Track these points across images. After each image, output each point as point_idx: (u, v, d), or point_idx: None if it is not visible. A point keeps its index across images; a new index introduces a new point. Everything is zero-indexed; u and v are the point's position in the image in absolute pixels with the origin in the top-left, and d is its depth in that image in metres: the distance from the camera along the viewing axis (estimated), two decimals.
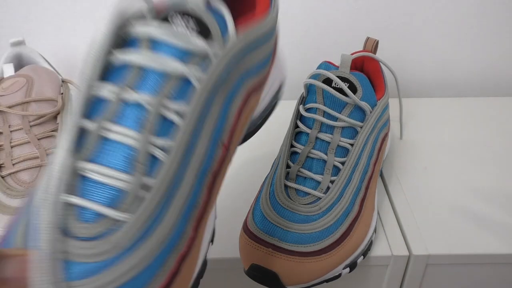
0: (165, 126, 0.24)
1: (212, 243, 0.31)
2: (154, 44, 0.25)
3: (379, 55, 0.52)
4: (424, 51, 0.69)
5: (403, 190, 0.52)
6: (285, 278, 0.38)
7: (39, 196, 0.22)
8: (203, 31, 0.25)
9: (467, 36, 0.68)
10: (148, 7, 0.26)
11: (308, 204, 0.41)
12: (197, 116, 0.24)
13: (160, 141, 0.24)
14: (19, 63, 0.56)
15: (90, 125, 0.24)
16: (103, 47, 0.25)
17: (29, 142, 0.46)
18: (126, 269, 0.22)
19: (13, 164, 0.44)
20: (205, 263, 0.30)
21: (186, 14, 0.26)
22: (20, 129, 0.46)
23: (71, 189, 0.22)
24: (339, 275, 0.40)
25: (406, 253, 0.45)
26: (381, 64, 0.51)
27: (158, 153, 0.24)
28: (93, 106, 0.24)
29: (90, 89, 0.24)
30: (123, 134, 0.23)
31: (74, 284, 0.21)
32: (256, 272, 0.38)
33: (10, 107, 0.47)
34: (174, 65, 0.24)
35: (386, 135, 0.49)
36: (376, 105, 0.46)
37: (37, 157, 0.45)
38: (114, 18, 0.27)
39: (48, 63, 0.57)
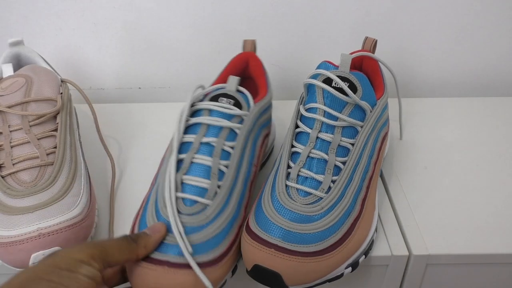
0: (224, 154, 0.43)
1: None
2: (210, 112, 0.45)
3: (378, 55, 0.52)
4: (424, 51, 0.69)
5: (403, 190, 0.52)
6: (287, 278, 0.38)
7: (164, 196, 0.40)
8: (237, 103, 0.45)
9: (467, 36, 0.68)
10: (207, 92, 0.46)
11: (309, 204, 0.41)
12: (241, 148, 0.44)
13: (223, 162, 0.42)
14: (18, 63, 0.56)
15: (184, 156, 0.43)
16: (185, 116, 0.44)
17: (29, 142, 0.45)
18: (212, 230, 0.39)
19: (13, 164, 0.44)
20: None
21: (226, 95, 0.45)
22: (19, 129, 0.46)
23: (178, 189, 0.41)
24: (341, 274, 0.40)
25: (406, 253, 0.45)
26: (380, 63, 0.51)
27: (223, 168, 0.42)
28: (183, 147, 0.43)
29: (181, 138, 0.43)
30: (203, 159, 0.42)
31: (193, 238, 0.38)
32: (258, 272, 0.38)
33: (9, 107, 0.47)
34: (225, 123, 0.44)
35: (386, 134, 0.49)
36: (376, 104, 0.46)
37: (37, 157, 0.45)
38: (189, 102, 0.45)
39: (47, 63, 0.57)
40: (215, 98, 0.45)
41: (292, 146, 0.45)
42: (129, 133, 0.61)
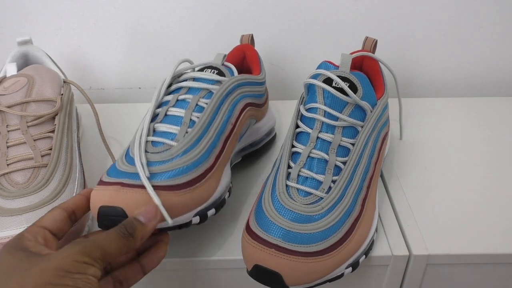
0: (198, 108, 0.45)
1: (229, 193, 0.46)
2: (195, 79, 0.47)
3: (378, 55, 0.52)
4: (424, 51, 0.69)
5: (403, 190, 0.52)
6: (288, 278, 0.38)
7: (135, 138, 0.42)
8: (221, 74, 0.48)
9: (467, 36, 0.68)
10: (191, 67, 0.49)
11: (310, 204, 0.41)
12: (216, 105, 0.45)
13: (196, 114, 0.44)
14: (25, 62, 0.56)
15: (160, 109, 0.45)
16: (169, 80, 0.47)
17: (25, 142, 0.45)
18: (173, 164, 0.40)
19: (8, 165, 0.44)
20: (223, 200, 0.45)
21: (212, 67, 0.49)
22: (17, 129, 0.46)
23: (150, 134, 0.43)
24: (342, 274, 0.40)
25: (406, 253, 0.45)
26: (380, 63, 0.52)
27: (195, 118, 0.44)
28: (163, 103, 0.46)
29: (161, 98, 0.46)
30: (176, 111, 0.44)
31: (154, 169, 0.39)
32: (259, 272, 0.38)
33: (9, 106, 0.47)
34: (205, 85, 0.46)
35: (386, 134, 0.49)
36: (376, 104, 0.46)
37: (31, 158, 0.44)
38: (173, 70, 0.48)
39: (54, 62, 0.57)
40: (201, 70, 0.48)
41: (293, 146, 0.45)
42: (129, 133, 0.61)
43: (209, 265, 0.45)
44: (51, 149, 0.46)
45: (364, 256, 0.42)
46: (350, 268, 0.41)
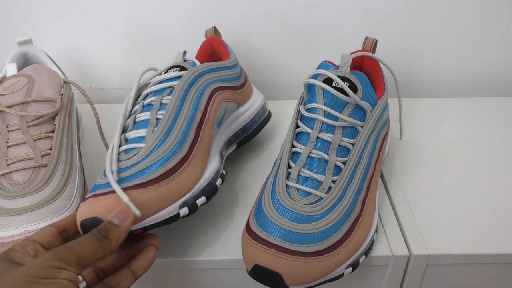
0: (163, 106, 0.45)
1: (222, 180, 0.46)
2: (160, 82, 0.48)
3: (378, 55, 0.52)
4: (424, 51, 0.69)
5: (403, 190, 0.52)
6: (288, 278, 0.38)
7: (108, 151, 0.42)
8: (183, 69, 0.48)
9: (467, 36, 0.68)
10: (158, 72, 0.50)
11: (310, 204, 0.41)
12: (179, 97, 0.45)
13: (161, 112, 0.44)
14: (25, 62, 0.56)
15: (129, 120, 0.45)
16: (135, 91, 0.48)
17: (25, 142, 0.45)
18: (141, 165, 0.40)
19: (8, 165, 0.44)
20: (215, 187, 0.44)
21: (174, 66, 0.49)
22: (17, 129, 0.46)
23: (123, 144, 0.43)
24: (342, 274, 0.40)
25: (406, 253, 0.45)
26: (380, 63, 0.52)
27: (160, 116, 0.44)
28: (131, 112, 0.47)
29: (130, 110, 0.47)
30: (142, 116, 0.45)
31: (125, 174, 0.40)
32: (259, 272, 0.38)
33: (9, 106, 0.47)
34: (167, 84, 0.47)
35: (386, 134, 0.49)
36: (376, 104, 0.46)
37: (31, 158, 0.44)
38: (137, 82, 0.49)
39: (54, 62, 0.57)
40: (167, 71, 0.49)
41: (293, 146, 0.45)
42: None
43: (209, 265, 0.45)
44: (51, 149, 0.46)
45: (364, 256, 0.42)
46: (350, 268, 0.41)
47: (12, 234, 0.39)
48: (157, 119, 0.44)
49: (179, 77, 0.47)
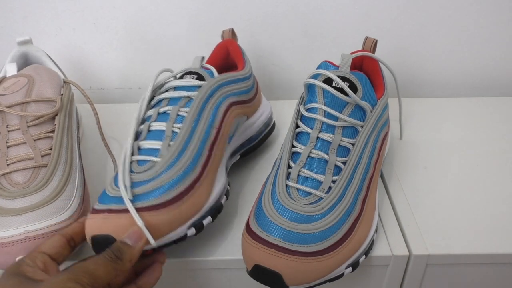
0: (179, 118, 0.45)
1: (226, 197, 0.46)
2: (176, 88, 0.47)
3: (378, 55, 0.52)
4: (424, 51, 0.69)
5: (403, 190, 0.52)
6: (288, 278, 0.38)
7: (120, 160, 0.42)
8: (200, 78, 0.48)
9: (467, 36, 0.68)
10: (172, 75, 0.49)
11: (310, 204, 0.41)
12: (196, 111, 0.45)
13: (177, 125, 0.44)
14: (25, 62, 0.56)
15: (143, 126, 0.45)
16: (149, 94, 0.47)
17: (25, 142, 0.45)
18: (158, 182, 0.40)
19: (8, 165, 0.44)
20: (221, 205, 0.45)
21: (191, 72, 0.48)
22: (17, 129, 0.46)
23: (135, 153, 0.43)
24: (342, 274, 0.40)
25: (406, 253, 0.45)
26: (380, 63, 0.52)
27: (176, 130, 0.44)
28: (145, 118, 0.46)
29: (143, 114, 0.46)
30: (159, 125, 0.44)
31: (139, 190, 0.39)
32: (259, 272, 0.38)
33: (9, 106, 0.46)
34: (184, 93, 0.46)
35: (386, 134, 0.49)
36: (376, 104, 0.46)
37: (31, 158, 0.44)
38: (153, 82, 0.47)
39: (54, 62, 0.57)
40: (181, 78, 0.48)
41: (293, 146, 0.45)
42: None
43: (209, 265, 0.45)
44: (51, 149, 0.46)
45: (364, 256, 0.42)
46: (350, 268, 0.41)
47: (12, 234, 0.39)
48: (173, 132, 0.43)
49: (196, 86, 0.46)
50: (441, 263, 0.45)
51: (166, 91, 0.47)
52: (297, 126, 0.46)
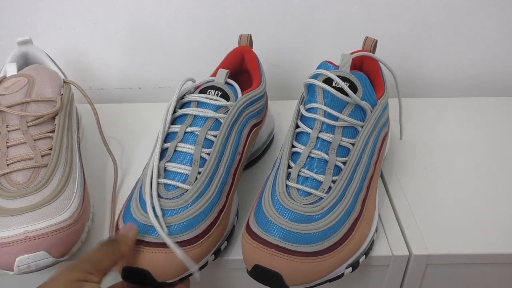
0: (207, 142, 0.44)
1: (237, 217, 0.47)
2: (198, 104, 0.46)
3: (379, 55, 0.52)
4: (424, 51, 0.69)
5: (403, 190, 0.52)
6: (288, 278, 0.38)
7: (146, 181, 0.41)
8: (224, 95, 0.46)
9: (467, 36, 0.68)
10: (197, 85, 0.48)
11: (310, 204, 0.41)
12: (223, 136, 0.44)
13: (205, 150, 0.44)
14: (25, 62, 0.56)
15: (168, 144, 0.44)
16: (172, 107, 0.46)
17: (25, 142, 0.45)
18: (189, 213, 0.40)
19: (8, 165, 0.44)
20: (233, 227, 0.46)
21: (214, 87, 0.47)
22: (17, 129, 0.46)
23: (161, 176, 0.42)
24: (342, 274, 0.40)
25: (406, 253, 0.45)
26: (380, 63, 0.51)
27: (205, 156, 0.43)
28: (169, 137, 0.45)
29: (167, 129, 0.45)
30: (186, 147, 0.44)
31: (170, 220, 0.40)
32: (259, 272, 0.38)
33: (9, 106, 0.46)
34: (210, 113, 0.45)
35: (386, 134, 0.49)
36: (376, 104, 0.46)
37: (31, 158, 0.44)
38: (177, 94, 0.46)
39: (54, 62, 0.57)
40: (204, 91, 0.47)
41: (293, 146, 0.45)
42: (129, 133, 0.61)
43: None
44: (51, 149, 0.46)
45: (364, 256, 0.42)
46: (350, 268, 0.41)
47: (12, 234, 0.39)
48: (201, 157, 0.43)
49: (222, 107, 0.46)
50: (441, 263, 0.45)
51: (189, 102, 0.46)
52: (297, 126, 0.46)
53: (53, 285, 0.32)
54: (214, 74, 0.52)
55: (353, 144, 0.44)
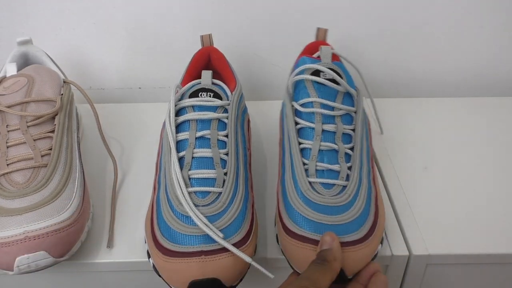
0: (220, 143, 0.44)
1: None
2: (194, 108, 0.46)
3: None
4: (424, 50, 0.69)
5: (403, 190, 0.52)
6: (348, 269, 0.39)
7: (177, 193, 0.41)
8: (216, 95, 0.47)
9: (467, 36, 0.68)
10: (185, 91, 0.47)
11: (336, 195, 0.41)
12: (233, 135, 0.45)
13: (222, 151, 0.44)
14: (25, 62, 0.56)
15: (183, 153, 0.44)
16: (173, 116, 0.45)
17: (25, 142, 0.45)
18: (231, 215, 0.40)
19: (7, 165, 0.44)
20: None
21: (204, 89, 0.47)
22: (17, 129, 0.46)
23: (188, 185, 0.42)
24: (377, 253, 0.42)
25: (406, 253, 0.45)
26: (342, 59, 0.52)
27: (223, 156, 0.44)
28: (179, 145, 0.44)
29: (175, 137, 0.44)
30: (203, 152, 0.43)
31: (216, 224, 0.39)
32: None
33: (9, 106, 0.46)
34: (212, 114, 0.45)
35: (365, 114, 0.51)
36: (355, 89, 0.48)
37: (31, 158, 0.44)
38: (173, 102, 0.46)
39: (54, 62, 0.57)
40: (195, 94, 0.47)
41: (299, 143, 0.45)
42: (129, 133, 0.61)
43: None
44: (51, 149, 0.46)
45: (380, 245, 0.42)
46: (380, 245, 0.42)
47: (12, 234, 0.39)
48: (221, 159, 0.43)
49: (219, 107, 0.46)
50: (441, 263, 0.45)
51: (183, 108, 0.46)
52: (296, 123, 0.46)
53: None
54: (187, 77, 0.52)
55: (353, 130, 0.45)
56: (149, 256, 0.41)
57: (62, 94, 0.50)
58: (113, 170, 0.53)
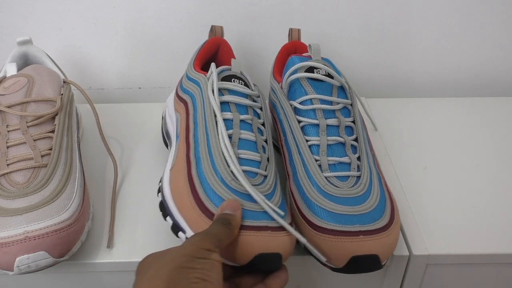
0: (259, 130, 0.46)
1: None
2: (229, 92, 0.46)
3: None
4: (424, 51, 0.69)
5: (403, 190, 0.52)
6: (384, 255, 0.39)
7: (230, 169, 0.41)
8: (245, 85, 0.48)
9: (467, 36, 0.68)
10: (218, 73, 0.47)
11: (352, 186, 0.42)
12: (268, 125, 0.47)
13: (262, 137, 0.45)
14: (25, 62, 0.56)
15: (231, 132, 0.44)
16: (217, 93, 0.45)
17: (25, 142, 0.45)
18: (278, 197, 0.42)
19: (8, 165, 0.44)
20: None
21: (236, 76, 0.47)
22: (17, 129, 0.46)
23: (235, 161, 0.41)
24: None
25: (406, 253, 0.45)
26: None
27: (263, 143, 0.45)
28: (227, 124, 0.44)
29: (221, 114, 0.44)
30: (248, 134, 0.44)
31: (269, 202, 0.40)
32: (357, 263, 0.39)
33: (9, 106, 0.46)
34: (247, 101, 0.46)
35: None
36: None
37: (31, 158, 0.44)
38: (216, 78, 0.46)
39: (54, 62, 0.57)
40: (228, 79, 0.47)
41: (306, 140, 0.45)
42: (129, 133, 0.61)
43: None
44: (51, 149, 0.46)
45: None
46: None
47: (12, 234, 0.39)
48: (262, 145, 0.45)
49: (249, 95, 0.47)
50: (441, 263, 0.46)
51: (219, 90, 0.46)
52: (299, 121, 0.46)
53: (187, 248, 0.34)
54: (197, 63, 0.53)
55: (353, 122, 0.46)
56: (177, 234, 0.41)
57: (62, 94, 0.50)
58: (113, 170, 0.53)
